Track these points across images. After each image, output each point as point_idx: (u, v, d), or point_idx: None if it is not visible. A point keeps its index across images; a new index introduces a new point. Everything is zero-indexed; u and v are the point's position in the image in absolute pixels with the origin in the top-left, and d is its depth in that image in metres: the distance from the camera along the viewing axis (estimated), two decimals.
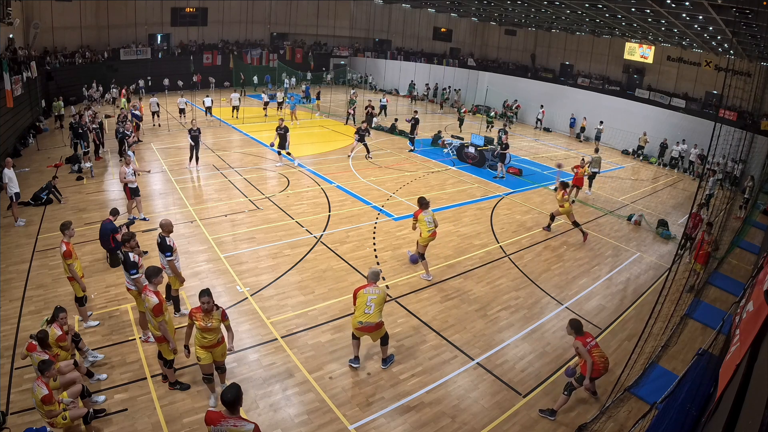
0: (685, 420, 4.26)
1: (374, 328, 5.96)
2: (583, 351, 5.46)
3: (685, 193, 16.80)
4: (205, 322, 4.98)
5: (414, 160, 17.07)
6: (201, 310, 5.00)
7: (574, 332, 5.58)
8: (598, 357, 5.47)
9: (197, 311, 5.01)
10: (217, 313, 5.05)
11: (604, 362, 5.50)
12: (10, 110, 15.07)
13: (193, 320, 5.02)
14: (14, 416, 4.97)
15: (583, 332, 5.60)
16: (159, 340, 5.31)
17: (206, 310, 4.98)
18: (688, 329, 7.75)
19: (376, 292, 5.91)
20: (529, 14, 30.03)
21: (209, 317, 5.00)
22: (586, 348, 5.46)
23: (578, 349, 5.53)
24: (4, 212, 10.14)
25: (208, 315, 5.00)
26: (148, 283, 5.26)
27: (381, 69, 37.16)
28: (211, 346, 5.13)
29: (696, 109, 27.14)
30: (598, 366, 5.45)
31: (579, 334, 5.56)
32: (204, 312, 4.99)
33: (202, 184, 12.95)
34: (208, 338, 5.08)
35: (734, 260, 11.04)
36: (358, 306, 5.89)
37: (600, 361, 5.46)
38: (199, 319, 4.99)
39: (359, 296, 5.91)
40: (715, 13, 15.97)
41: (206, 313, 4.99)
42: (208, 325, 4.99)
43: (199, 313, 5.00)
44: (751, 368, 2.99)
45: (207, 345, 5.10)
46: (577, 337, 5.56)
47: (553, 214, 11.21)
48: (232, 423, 3.68)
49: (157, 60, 29.48)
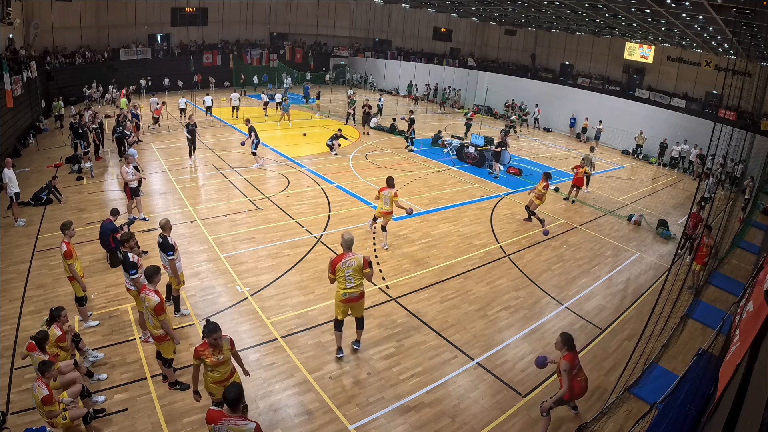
0: (685, 420, 4.26)
1: (358, 298, 6.01)
2: (568, 373, 4.88)
3: (685, 193, 16.80)
4: (216, 356, 4.52)
5: (414, 160, 17.06)
6: (209, 346, 4.49)
7: (566, 347, 4.94)
8: (581, 382, 5.02)
9: (204, 348, 4.50)
10: (225, 343, 4.60)
11: (583, 387, 5.05)
12: (10, 110, 15.08)
13: (202, 358, 4.49)
14: (14, 416, 4.97)
15: (576, 349, 5.04)
16: (159, 339, 5.30)
17: (215, 345, 4.51)
18: (688, 329, 7.75)
19: (352, 263, 5.85)
20: (529, 14, 30.03)
21: (219, 350, 4.55)
22: (573, 371, 4.92)
23: (563, 369, 4.90)
24: (4, 212, 10.14)
25: (218, 348, 4.55)
26: (148, 282, 5.24)
27: (381, 69, 37.18)
28: (224, 380, 4.63)
29: (696, 109, 27.15)
30: (577, 392, 4.98)
31: (571, 350, 4.95)
32: (213, 347, 4.51)
33: (202, 184, 12.96)
34: (221, 372, 4.61)
35: (734, 260, 11.04)
36: (339, 279, 5.92)
37: (579, 387, 5.00)
38: (208, 355, 4.49)
39: (338, 270, 5.86)
40: (715, 13, 15.97)
41: (215, 348, 4.53)
42: (219, 358, 4.53)
43: (207, 349, 4.50)
44: (751, 368, 2.99)
45: (221, 380, 4.61)
46: (566, 354, 4.93)
47: (528, 206, 11.43)
48: (234, 422, 3.68)
49: (157, 60, 29.49)
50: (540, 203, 11.31)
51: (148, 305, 5.14)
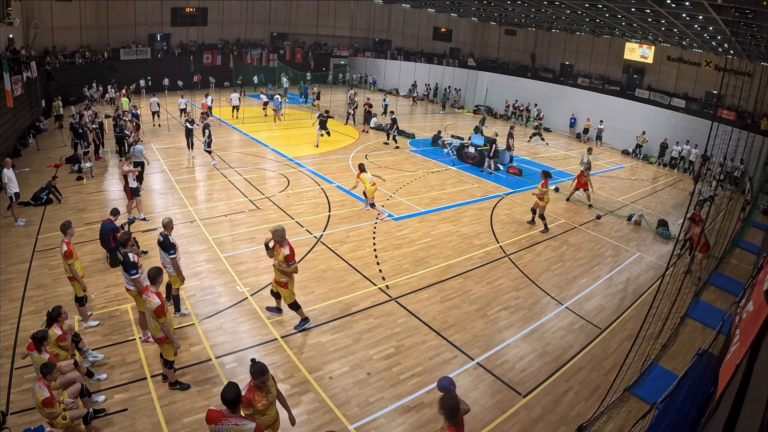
0: (685, 420, 4.26)
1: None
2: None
3: (685, 193, 16.79)
4: (266, 397, 4.11)
5: (414, 160, 17.07)
6: (256, 389, 4.06)
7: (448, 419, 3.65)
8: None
9: (252, 393, 4.04)
10: (271, 382, 4.20)
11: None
12: (10, 110, 15.07)
13: (254, 404, 4.03)
14: (14, 416, 4.97)
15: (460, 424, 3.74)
16: (160, 341, 5.30)
17: (262, 388, 4.09)
18: (688, 329, 7.75)
19: None
20: (529, 14, 30.03)
21: (267, 391, 4.13)
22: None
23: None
24: (4, 212, 10.14)
25: (265, 390, 4.12)
26: (151, 284, 5.22)
27: (381, 69, 37.19)
28: (271, 424, 4.30)
29: (696, 109, 27.14)
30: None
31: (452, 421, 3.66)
32: (260, 390, 4.09)
33: (202, 184, 12.96)
34: (269, 415, 4.23)
35: (734, 260, 11.04)
36: None
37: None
38: (259, 399, 4.05)
39: None
40: (715, 13, 15.96)
41: (263, 390, 4.11)
42: (269, 399, 4.15)
43: (257, 393, 4.06)
44: (751, 368, 2.99)
45: (270, 423, 4.27)
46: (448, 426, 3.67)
47: (534, 209, 11.35)
48: (234, 422, 3.67)
49: (157, 60, 29.50)
50: (544, 204, 11.11)
51: (149, 307, 5.13)
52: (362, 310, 7.42)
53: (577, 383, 6.21)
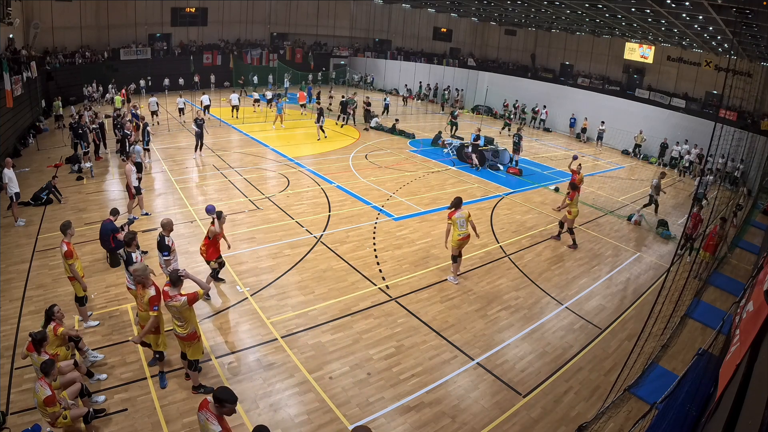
0: (685, 420, 4.26)
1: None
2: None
3: (684, 193, 16.79)
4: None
5: (414, 160, 17.07)
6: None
7: None
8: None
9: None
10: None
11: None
12: (10, 110, 15.06)
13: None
14: (14, 416, 4.97)
15: None
16: (186, 339, 5.19)
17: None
18: (688, 329, 7.76)
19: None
20: (529, 14, 30.02)
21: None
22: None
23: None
24: (4, 212, 10.13)
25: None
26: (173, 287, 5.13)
27: (381, 69, 37.19)
28: None
29: (696, 109, 27.14)
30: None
31: None
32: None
33: (202, 184, 12.96)
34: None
35: (734, 260, 11.04)
36: None
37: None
38: None
39: None
40: (715, 13, 15.95)
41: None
42: None
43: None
44: (751, 368, 2.99)
45: None
46: None
47: (562, 222, 10.69)
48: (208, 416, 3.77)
49: (157, 60, 29.49)
50: (572, 217, 10.23)
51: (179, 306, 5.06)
52: (362, 310, 7.42)
53: (577, 383, 6.22)
